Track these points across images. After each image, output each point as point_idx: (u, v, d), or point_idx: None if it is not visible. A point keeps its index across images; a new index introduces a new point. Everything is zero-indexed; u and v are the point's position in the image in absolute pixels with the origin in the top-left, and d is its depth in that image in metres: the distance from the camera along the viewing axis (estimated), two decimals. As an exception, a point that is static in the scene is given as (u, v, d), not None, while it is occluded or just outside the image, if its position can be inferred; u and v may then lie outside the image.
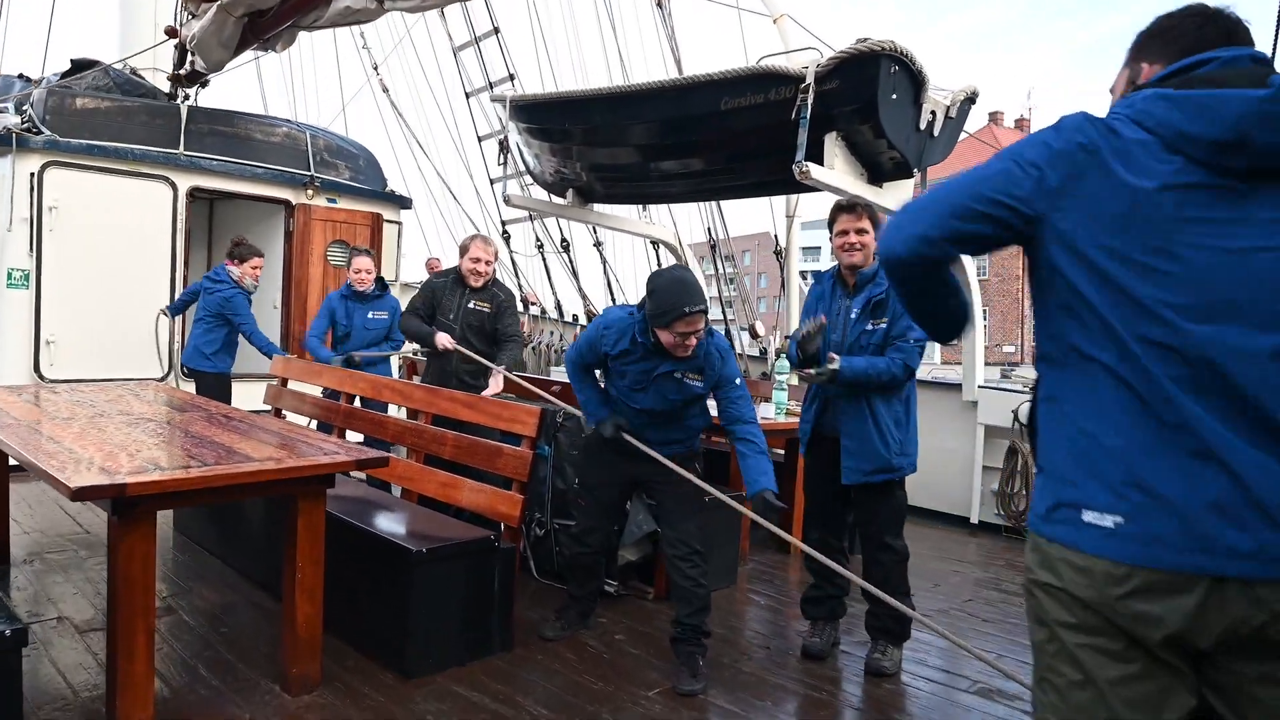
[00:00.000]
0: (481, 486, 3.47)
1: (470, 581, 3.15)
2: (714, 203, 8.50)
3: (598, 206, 7.48)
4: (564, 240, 9.82)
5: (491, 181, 9.53)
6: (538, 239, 9.95)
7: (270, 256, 7.84)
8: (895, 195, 5.52)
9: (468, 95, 9.67)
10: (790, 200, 7.67)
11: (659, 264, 9.35)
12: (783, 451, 5.19)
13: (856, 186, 5.16)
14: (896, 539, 3.33)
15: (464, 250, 4.62)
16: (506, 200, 7.05)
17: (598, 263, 9.67)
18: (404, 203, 8.13)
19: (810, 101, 4.75)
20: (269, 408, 5.07)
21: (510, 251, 10.30)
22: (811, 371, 3.18)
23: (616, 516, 3.55)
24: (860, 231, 3.29)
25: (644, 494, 3.55)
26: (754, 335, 8.36)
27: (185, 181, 6.78)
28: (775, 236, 7.87)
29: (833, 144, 4.99)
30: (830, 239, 3.40)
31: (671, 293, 2.96)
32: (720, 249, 8.56)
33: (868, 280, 3.31)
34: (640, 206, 7.96)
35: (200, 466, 2.52)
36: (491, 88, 8.73)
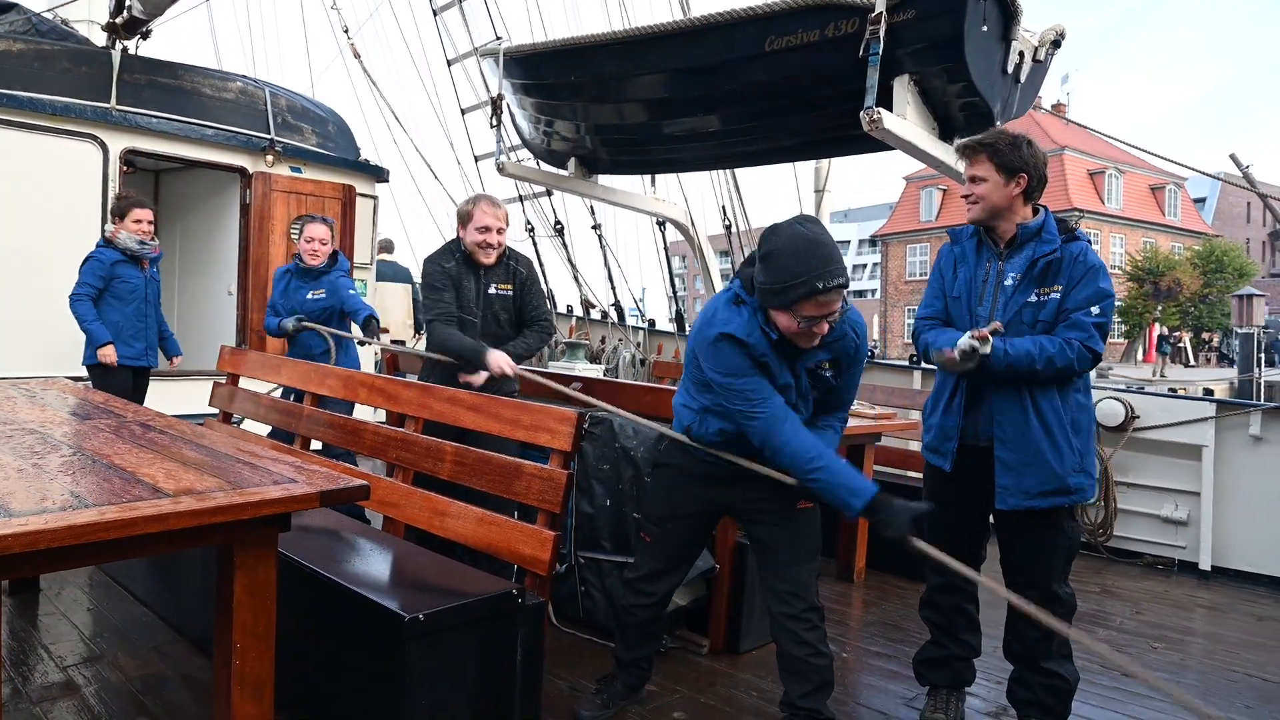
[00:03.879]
0: (494, 517, 2.57)
1: (485, 654, 2.25)
2: (732, 180, 7.62)
3: (603, 179, 6.58)
4: (558, 223, 8.91)
5: (476, 158, 8.62)
6: (528, 221, 9.02)
7: (223, 234, 6.83)
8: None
9: (449, 63, 8.71)
10: (819, 172, 6.82)
11: (665, 250, 8.47)
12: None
13: (929, 143, 4.32)
14: (1064, 585, 2.49)
15: (465, 218, 3.52)
16: (500, 169, 6.12)
17: (595, 249, 8.77)
18: (380, 174, 7.14)
19: (882, 34, 3.90)
20: (215, 411, 4.11)
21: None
22: (951, 353, 2.32)
23: (692, 557, 2.65)
24: (975, 180, 2.44)
25: (741, 527, 2.65)
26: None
27: (118, 142, 5.74)
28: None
29: (904, 89, 4.13)
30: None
31: (799, 258, 2.07)
32: (736, 229, 7.66)
33: (1031, 236, 2.45)
34: (650, 180, 7.06)
35: (78, 508, 1.60)
36: (477, 53, 7.79)
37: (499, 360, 3.27)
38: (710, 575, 3.17)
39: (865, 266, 53.27)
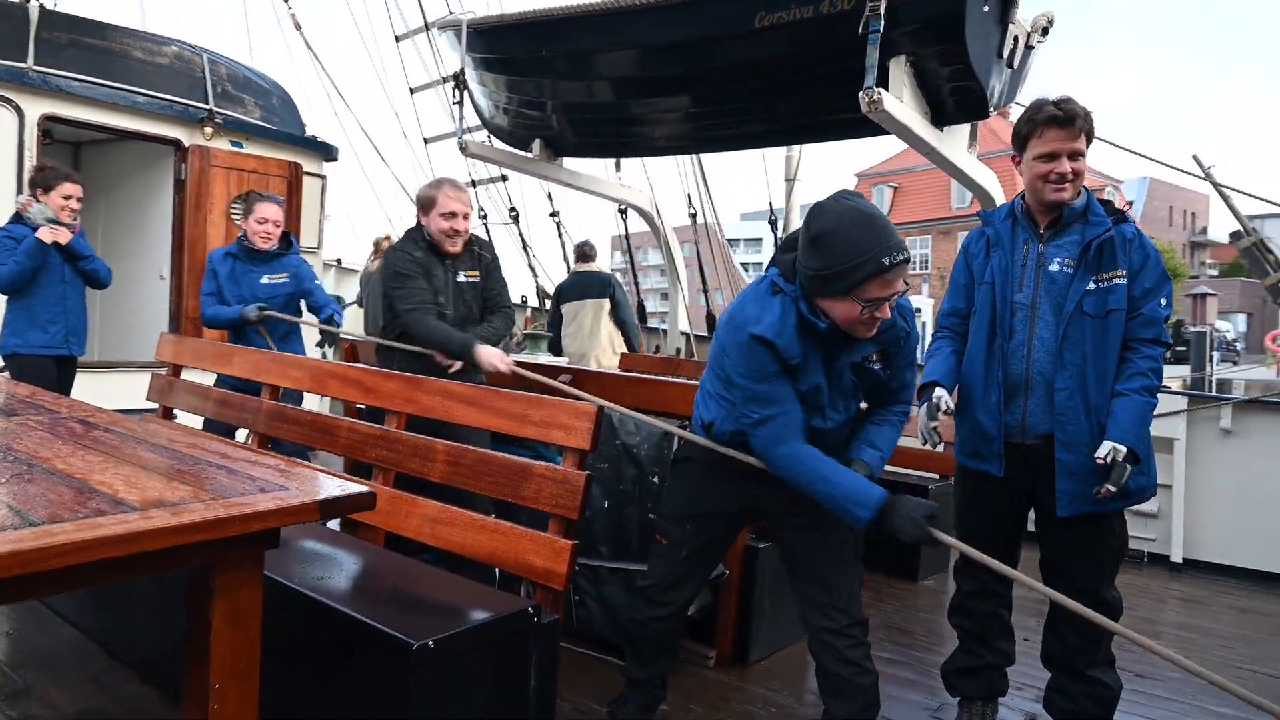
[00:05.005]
0: (498, 525, 2.28)
1: (499, 680, 1.97)
2: (699, 168, 7.39)
3: (567, 163, 6.29)
4: (512, 209, 8.57)
5: (426, 140, 8.22)
6: (481, 208, 8.64)
7: (154, 213, 6.29)
8: (955, 142, 4.57)
9: (398, 39, 8.27)
10: (790, 160, 6.66)
11: (627, 238, 8.21)
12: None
13: (924, 128, 4.17)
14: (1112, 590, 2.34)
15: (429, 204, 3.27)
16: (463, 149, 5.77)
17: (553, 237, 8.45)
18: (329, 152, 6.67)
19: (883, 11, 3.72)
20: (154, 406, 3.70)
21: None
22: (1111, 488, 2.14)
23: (714, 563, 2.41)
24: (1076, 155, 2.25)
25: (773, 532, 2.41)
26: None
27: (35, 107, 5.17)
28: (770, 205, 6.85)
29: (900, 70, 3.97)
30: (1019, 167, 2.34)
31: (858, 234, 1.84)
32: (705, 220, 7.45)
33: (1077, 216, 2.28)
34: (615, 165, 6.79)
35: (22, 528, 1.28)
36: (434, 27, 7.39)
37: (489, 357, 3.01)
38: (718, 581, 2.94)
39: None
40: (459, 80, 5.62)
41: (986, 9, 3.84)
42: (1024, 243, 2.34)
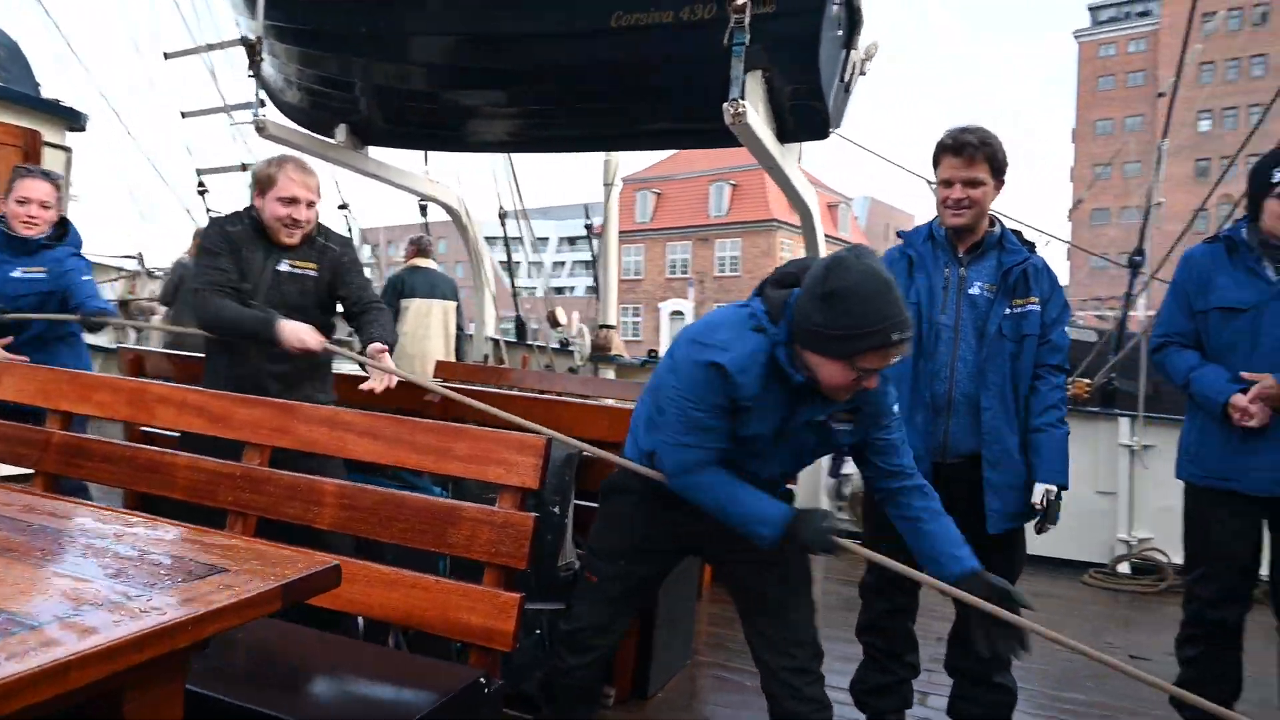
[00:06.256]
0: (419, 579, 1.94)
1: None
2: (510, 166, 7.07)
3: (373, 152, 5.72)
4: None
5: (184, 115, 7.16)
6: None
7: None
8: (790, 160, 4.71)
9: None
10: (609, 165, 6.56)
11: (426, 231, 7.65)
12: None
13: (773, 143, 4.25)
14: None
15: (266, 184, 2.75)
16: (260, 130, 5.04)
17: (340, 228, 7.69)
18: (75, 120, 5.53)
19: (747, 24, 3.72)
20: None
21: (208, 211, 7.88)
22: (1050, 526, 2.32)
23: (644, 602, 2.22)
24: (971, 183, 2.34)
25: (718, 568, 2.24)
26: (553, 323, 7.11)
27: None
28: (586, 208, 6.70)
29: (756, 84, 4.00)
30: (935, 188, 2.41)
31: (874, 303, 1.72)
32: (515, 215, 7.13)
33: (995, 244, 2.38)
34: (424, 158, 6.31)
35: None
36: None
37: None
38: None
39: (565, 264, 55.12)
40: (252, 50, 4.90)
41: (838, 33, 3.98)
42: (944, 265, 2.40)
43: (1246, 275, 2.36)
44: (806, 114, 4.30)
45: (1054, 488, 2.25)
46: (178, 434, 2.59)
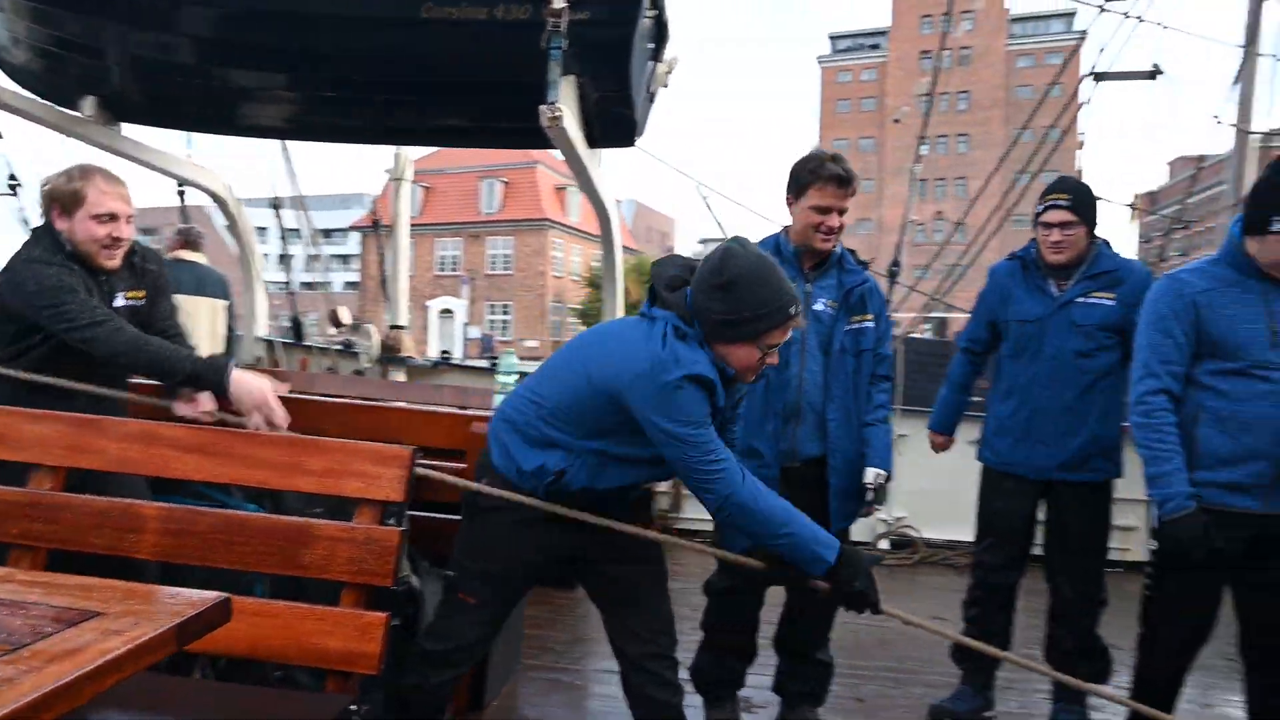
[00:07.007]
0: (263, 605, 1.78)
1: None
2: (284, 153, 6.54)
3: (127, 130, 5.05)
4: (13, 177, 6.61)
5: None
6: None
7: None
8: (597, 165, 4.79)
9: None
10: (399, 158, 6.27)
11: (185, 218, 6.86)
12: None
13: (584, 149, 4.30)
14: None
15: (72, 201, 2.35)
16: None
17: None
18: None
19: (565, 28, 3.74)
20: None
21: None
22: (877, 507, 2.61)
23: (507, 616, 2.20)
24: (844, 212, 2.56)
25: (589, 575, 2.22)
26: (335, 323, 6.68)
27: None
28: (374, 202, 6.33)
29: (570, 89, 4.04)
30: (792, 209, 2.59)
31: (768, 283, 1.90)
32: (296, 209, 6.61)
33: (835, 263, 2.60)
34: (186, 141, 5.68)
35: None
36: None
37: (259, 384, 2.23)
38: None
39: (319, 258, 51.95)
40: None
41: (650, 45, 4.12)
42: (792, 280, 2.59)
43: (1035, 292, 2.78)
44: (615, 121, 4.40)
45: (883, 472, 2.51)
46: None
